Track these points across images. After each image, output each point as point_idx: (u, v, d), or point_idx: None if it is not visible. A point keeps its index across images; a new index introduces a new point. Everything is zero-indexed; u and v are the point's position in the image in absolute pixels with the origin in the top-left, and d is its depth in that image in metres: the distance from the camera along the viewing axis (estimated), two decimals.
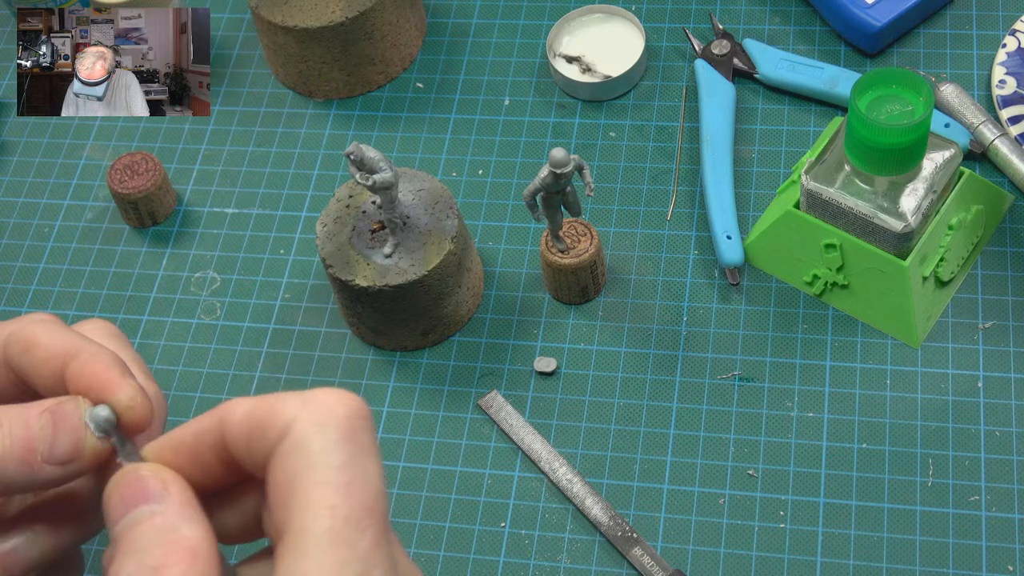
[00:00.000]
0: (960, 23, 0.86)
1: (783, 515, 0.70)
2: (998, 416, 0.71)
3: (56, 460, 0.45)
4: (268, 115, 0.90)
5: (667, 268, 0.79)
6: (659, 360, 0.76)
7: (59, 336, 0.47)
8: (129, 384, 0.46)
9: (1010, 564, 0.67)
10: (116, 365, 0.46)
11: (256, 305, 0.81)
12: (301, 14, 0.85)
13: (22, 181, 0.89)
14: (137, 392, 0.46)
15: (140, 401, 0.46)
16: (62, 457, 0.45)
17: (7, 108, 0.93)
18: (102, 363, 0.46)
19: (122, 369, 0.46)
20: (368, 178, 0.70)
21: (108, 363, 0.46)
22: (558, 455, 0.72)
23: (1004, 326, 0.74)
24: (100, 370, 0.46)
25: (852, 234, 0.72)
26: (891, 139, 0.66)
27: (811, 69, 0.84)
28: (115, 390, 0.46)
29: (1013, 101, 0.80)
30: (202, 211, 0.86)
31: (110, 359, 0.46)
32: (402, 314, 0.75)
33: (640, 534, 0.70)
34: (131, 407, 0.45)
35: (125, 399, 0.45)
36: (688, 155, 0.84)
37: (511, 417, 0.74)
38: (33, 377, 0.47)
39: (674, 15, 0.90)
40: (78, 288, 0.83)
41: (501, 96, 0.88)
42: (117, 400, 0.45)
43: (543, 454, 0.73)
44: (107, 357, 0.46)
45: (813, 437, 0.72)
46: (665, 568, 0.68)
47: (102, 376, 0.46)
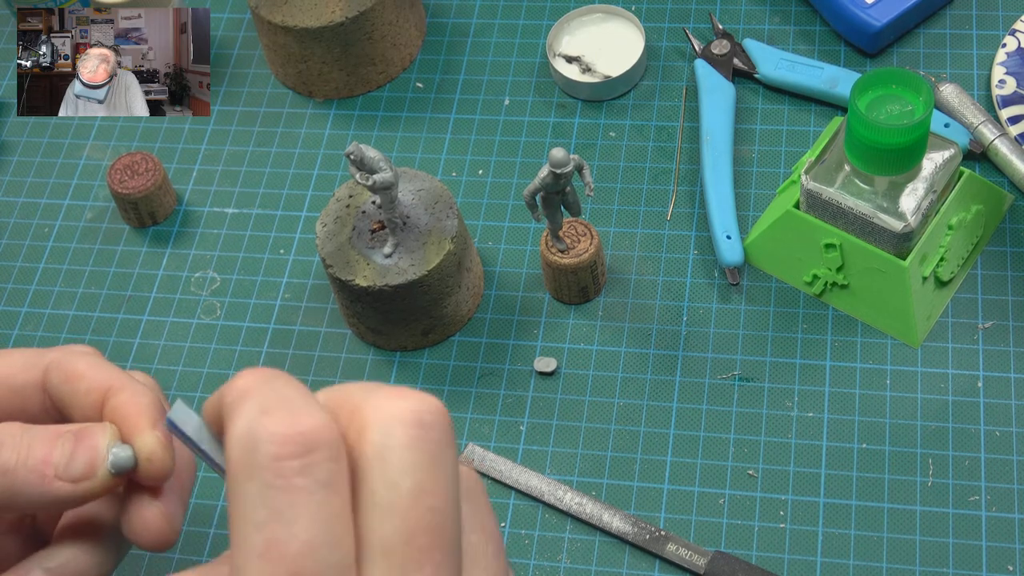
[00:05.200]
0: (960, 23, 0.86)
1: (783, 515, 0.70)
2: (998, 416, 0.71)
3: (69, 476, 0.45)
4: (268, 115, 0.90)
5: (667, 268, 0.79)
6: (659, 360, 0.76)
7: (103, 370, 0.48)
8: (156, 436, 0.45)
9: (1010, 564, 0.67)
10: (153, 410, 0.46)
11: (256, 305, 0.81)
12: (301, 14, 0.85)
13: (22, 181, 0.89)
14: (160, 447, 0.45)
15: (160, 457, 0.45)
16: (75, 474, 0.45)
17: (7, 108, 0.93)
18: (140, 404, 0.46)
19: (156, 417, 0.46)
20: (368, 178, 0.70)
21: (146, 405, 0.46)
22: (558, 483, 0.72)
23: (1004, 326, 0.74)
24: (136, 410, 0.46)
25: (852, 234, 0.72)
26: (891, 139, 0.66)
27: (811, 69, 0.84)
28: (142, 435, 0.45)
29: (1013, 101, 0.80)
30: (202, 211, 0.86)
31: (150, 401, 0.46)
32: (402, 314, 0.75)
33: (668, 531, 0.69)
34: (150, 459, 0.45)
35: (147, 449, 0.45)
36: (688, 155, 0.84)
37: (498, 463, 0.73)
38: (72, 407, 0.48)
39: (674, 15, 0.90)
40: (78, 288, 0.83)
41: (501, 96, 0.88)
42: (140, 446, 0.45)
43: (544, 488, 0.72)
44: (148, 399, 0.46)
45: (813, 437, 0.72)
46: (704, 554, 0.68)
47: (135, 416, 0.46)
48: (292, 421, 0.34)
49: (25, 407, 0.49)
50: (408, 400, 0.35)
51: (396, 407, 0.35)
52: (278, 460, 0.33)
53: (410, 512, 0.33)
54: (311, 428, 0.34)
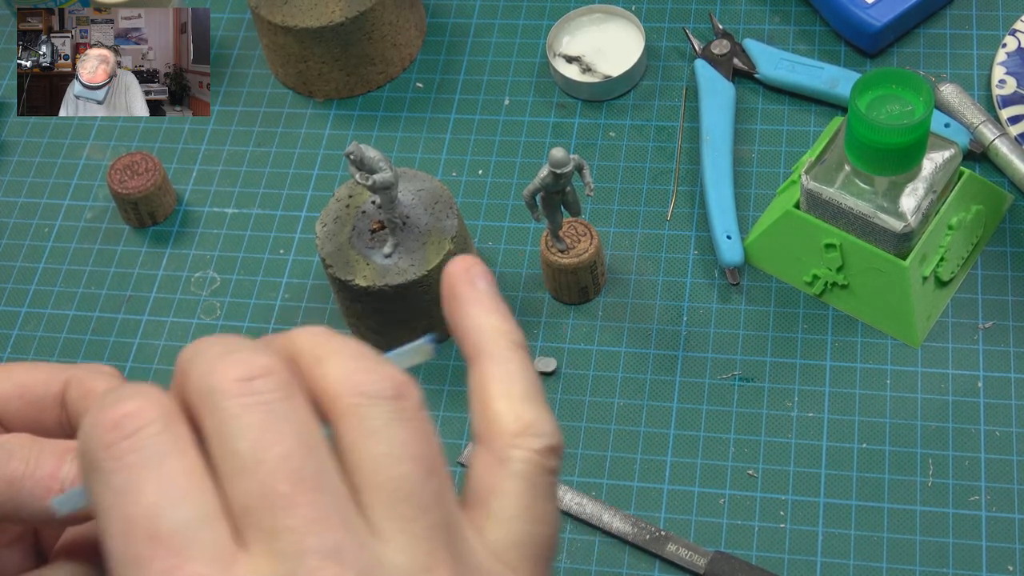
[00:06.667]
0: (960, 23, 0.86)
1: (783, 515, 0.70)
2: (998, 416, 0.71)
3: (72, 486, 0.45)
4: (268, 115, 0.90)
5: (667, 268, 0.79)
6: (659, 360, 0.76)
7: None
8: None
9: (1010, 564, 0.67)
10: None
11: (256, 305, 0.81)
12: (301, 14, 0.85)
13: (22, 181, 0.89)
14: None
15: None
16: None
17: (7, 108, 0.93)
18: None
19: None
20: (368, 178, 0.70)
21: None
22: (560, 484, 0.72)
23: (1004, 326, 0.74)
24: None
25: (852, 234, 0.72)
26: (891, 139, 0.66)
27: (811, 69, 0.84)
28: None
29: (1013, 101, 0.80)
30: (202, 211, 0.86)
31: None
32: (402, 314, 0.75)
33: (668, 531, 0.69)
34: None
35: None
36: (688, 155, 0.84)
37: None
38: None
39: (674, 15, 0.90)
40: (78, 288, 0.83)
41: (501, 96, 0.88)
42: None
43: None
44: None
45: (813, 437, 0.72)
46: (704, 554, 0.68)
47: None
48: (114, 411, 0.35)
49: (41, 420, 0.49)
50: (233, 357, 0.35)
51: (218, 372, 0.35)
52: (107, 448, 0.34)
53: (259, 468, 0.34)
54: (133, 410, 0.35)
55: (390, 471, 0.35)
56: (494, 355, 0.40)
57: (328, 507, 0.34)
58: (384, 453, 0.35)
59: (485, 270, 0.42)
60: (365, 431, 0.36)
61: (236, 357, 0.35)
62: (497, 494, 0.38)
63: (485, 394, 0.40)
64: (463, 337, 0.41)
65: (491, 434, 0.39)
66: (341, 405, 0.36)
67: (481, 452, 0.39)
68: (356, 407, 0.36)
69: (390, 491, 0.35)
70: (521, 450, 0.38)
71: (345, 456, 0.36)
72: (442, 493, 0.36)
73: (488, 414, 0.39)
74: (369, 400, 0.36)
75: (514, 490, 0.38)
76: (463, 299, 0.42)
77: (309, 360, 0.38)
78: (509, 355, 0.40)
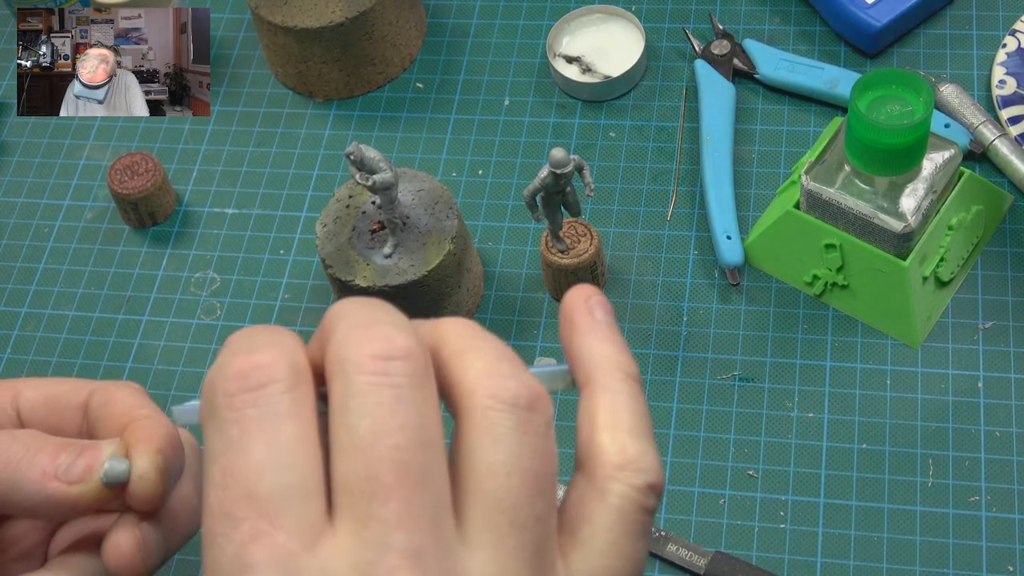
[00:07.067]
0: (960, 23, 0.86)
1: (783, 515, 0.70)
2: (998, 416, 0.71)
3: (66, 477, 0.46)
4: (268, 115, 0.90)
5: (667, 268, 0.79)
6: (659, 360, 0.76)
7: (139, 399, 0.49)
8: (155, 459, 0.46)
9: (1010, 564, 0.67)
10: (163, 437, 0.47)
11: (256, 305, 0.81)
12: (301, 14, 0.85)
13: (22, 181, 0.89)
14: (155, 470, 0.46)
15: (152, 479, 0.46)
16: (71, 476, 0.46)
17: (7, 108, 0.93)
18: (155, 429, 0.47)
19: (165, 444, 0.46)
20: (368, 178, 0.70)
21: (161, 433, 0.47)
22: (559, 484, 0.71)
23: (1004, 326, 0.74)
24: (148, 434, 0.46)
25: (852, 234, 0.72)
26: (891, 139, 0.66)
27: (811, 69, 0.84)
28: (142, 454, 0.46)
29: (1013, 101, 0.80)
30: (202, 211, 0.86)
31: (165, 430, 0.47)
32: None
33: (668, 531, 0.69)
34: (142, 478, 0.46)
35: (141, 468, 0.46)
36: (688, 155, 0.84)
37: None
38: (102, 430, 0.49)
39: (674, 15, 0.90)
40: (78, 288, 0.83)
41: (501, 96, 0.88)
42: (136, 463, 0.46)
43: None
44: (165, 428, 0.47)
45: (813, 437, 0.72)
46: (704, 554, 0.68)
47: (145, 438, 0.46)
48: (246, 359, 0.35)
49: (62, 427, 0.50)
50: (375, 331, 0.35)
51: (358, 343, 0.35)
52: (229, 396, 0.34)
53: (370, 451, 0.33)
54: (265, 363, 0.35)
55: (500, 480, 0.35)
56: (605, 385, 0.40)
57: (424, 507, 0.34)
58: (501, 461, 0.35)
59: (604, 300, 0.42)
60: (490, 435, 0.35)
61: (378, 331, 0.35)
62: (589, 524, 0.38)
63: (592, 423, 0.39)
64: (576, 365, 0.41)
65: (593, 464, 0.38)
66: (472, 403, 0.36)
67: (580, 480, 0.38)
68: (487, 409, 0.36)
69: (494, 501, 0.35)
70: (620, 484, 0.38)
71: (460, 455, 0.36)
72: (544, 517, 0.36)
73: (592, 444, 0.39)
74: (502, 405, 0.36)
75: (606, 523, 0.37)
76: (579, 328, 0.41)
77: (452, 350, 0.37)
78: (620, 386, 0.39)
